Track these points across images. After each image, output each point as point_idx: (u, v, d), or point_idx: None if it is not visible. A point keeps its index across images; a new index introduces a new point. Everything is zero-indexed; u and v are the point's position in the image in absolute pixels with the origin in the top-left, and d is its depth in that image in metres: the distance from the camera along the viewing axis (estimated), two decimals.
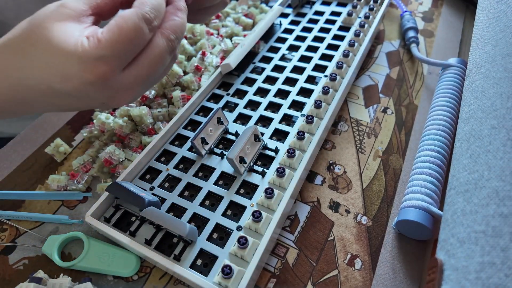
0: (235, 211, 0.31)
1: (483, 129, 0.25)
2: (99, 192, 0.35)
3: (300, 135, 0.33)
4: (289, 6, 0.53)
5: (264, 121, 0.38)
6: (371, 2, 0.50)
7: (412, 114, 0.42)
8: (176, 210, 0.32)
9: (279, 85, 0.41)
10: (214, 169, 0.34)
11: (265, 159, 0.34)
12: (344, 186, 0.35)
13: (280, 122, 0.37)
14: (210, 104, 0.40)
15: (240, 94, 0.41)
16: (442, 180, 0.32)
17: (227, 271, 0.25)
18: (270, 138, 0.36)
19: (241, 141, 0.32)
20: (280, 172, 0.31)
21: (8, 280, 0.30)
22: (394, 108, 0.43)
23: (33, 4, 0.51)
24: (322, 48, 0.45)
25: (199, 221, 0.31)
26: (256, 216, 0.28)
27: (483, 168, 0.22)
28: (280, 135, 0.36)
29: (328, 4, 0.53)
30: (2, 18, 0.50)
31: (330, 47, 0.46)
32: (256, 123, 0.38)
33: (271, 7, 0.58)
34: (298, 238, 0.32)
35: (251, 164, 0.33)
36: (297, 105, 0.39)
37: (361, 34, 0.45)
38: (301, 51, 0.45)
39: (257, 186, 0.32)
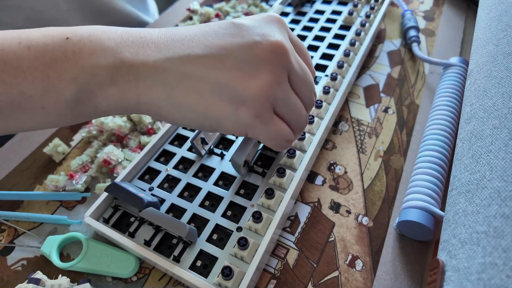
0: (235, 211, 0.31)
1: (485, 129, 0.25)
2: (98, 193, 0.35)
3: (301, 135, 0.33)
4: (289, 4, 0.53)
5: None
6: (372, 1, 0.50)
7: (414, 114, 0.42)
8: (176, 211, 0.31)
9: None
10: (214, 169, 0.34)
11: (265, 160, 0.34)
12: (345, 186, 0.35)
13: None
14: None
15: None
16: (444, 180, 0.32)
17: (227, 272, 0.25)
18: None
19: (247, 145, 0.31)
20: (281, 172, 0.31)
21: (6, 281, 0.30)
22: (395, 108, 0.43)
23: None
24: (323, 47, 0.45)
25: (198, 222, 0.30)
26: (256, 217, 0.28)
27: (485, 169, 0.22)
28: None
29: (329, 3, 0.53)
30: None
31: (331, 46, 0.45)
32: None
33: (271, 5, 0.58)
34: (298, 239, 0.32)
35: (251, 165, 0.33)
36: None
37: (362, 33, 0.45)
38: None
39: (257, 186, 0.32)
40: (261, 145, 0.34)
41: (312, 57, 0.44)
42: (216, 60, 0.22)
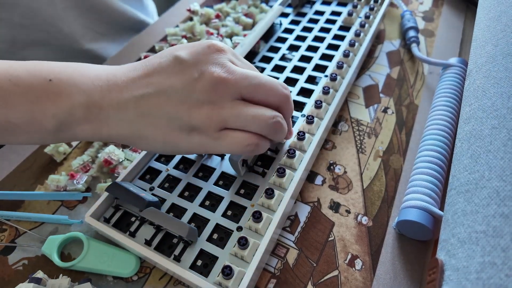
0: (235, 211, 0.31)
1: (484, 129, 0.25)
2: (98, 192, 0.35)
3: (301, 136, 0.33)
4: (289, 5, 0.53)
5: None
6: (372, 2, 0.50)
7: (413, 114, 0.42)
8: (176, 211, 0.31)
9: None
10: (214, 169, 0.34)
11: (265, 160, 0.34)
12: (344, 186, 0.35)
13: None
14: None
15: None
16: (443, 180, 0.32)
17: (227, 272, 0.25)
18: None
19: None
20: (281, 172, 0.31)
21: (7, 281, 0.30)
22: (394, 108, 0.43)
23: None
24: (323, 48, 0.45)
25: (199, 222, 0.31)
26: (257, 216, 0.28)
27: (484, 168, 0.22)
28: None
29: (329, 3, 0.53)
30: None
31: (331, 47, 0.45)
32: None
33: (271, 6, 0.58)
34: (298, 238, 0.32)
35: (251, 165, 0.33)
36: (298, 105, 0.39)
37: (362, 34, 0.45)
38: (301, 51, 0.45)
39: (257, 186, 0.32)
40: None
41: (311, 57, 0.44)
42: (165, 97, 0.26)
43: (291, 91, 0.40)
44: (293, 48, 0.46)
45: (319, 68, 0.43)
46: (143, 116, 0.27)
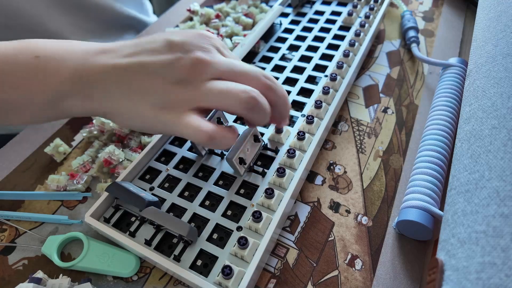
0: (235, 211, 0.31)
1: (484, 129, 0.25)
2: (98, 192, 0.35)
3: (300, 136, 0.33)
4: (289, 5, 0.53)
5: None
6: (372, 2, 0.50)
7: (413, 114, 0.42)
8: (176, 211, 0.31)
9: None
10: (214, 169, 0.34)
11: (265, 160, 0.34)
12: (344, 186, 0.35)
13: None
14: None
15: None
16: (443, 180, 0.32)
17: (227, 272, 0.25)
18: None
19: (240, 142, 0.32)
20: (280, 172, 0.31)
21: (7, 281, 0.30)
22: (394, 108, 0.43)
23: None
24: (323, 48, 0.45)
25: (199, 222, 0.31)
26: (256, 216, 0.28)
27: (484, 168, 0.22)
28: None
29: (329, 3, 0.53)
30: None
31: (331, 47, 0.45)
32: None
33: (271, 6, 0.58)
34: (298, 238, 0.32)
35: (251, 165, 0.33)
36: (297, 105, 0.39)
37: (362, 33, 0.45)
38: (301, 51, 0.45)
39: (257, 186, 0.32)
40: (261, 145, 0.34)
41: (311, 57, 0.44)
42: (146, 72, 0.27)
43: (290, 91, 0.40)
44: (293, 48, 0.46)
45: (319, 68, 0.43)
46: (122, 88, 0.27)
